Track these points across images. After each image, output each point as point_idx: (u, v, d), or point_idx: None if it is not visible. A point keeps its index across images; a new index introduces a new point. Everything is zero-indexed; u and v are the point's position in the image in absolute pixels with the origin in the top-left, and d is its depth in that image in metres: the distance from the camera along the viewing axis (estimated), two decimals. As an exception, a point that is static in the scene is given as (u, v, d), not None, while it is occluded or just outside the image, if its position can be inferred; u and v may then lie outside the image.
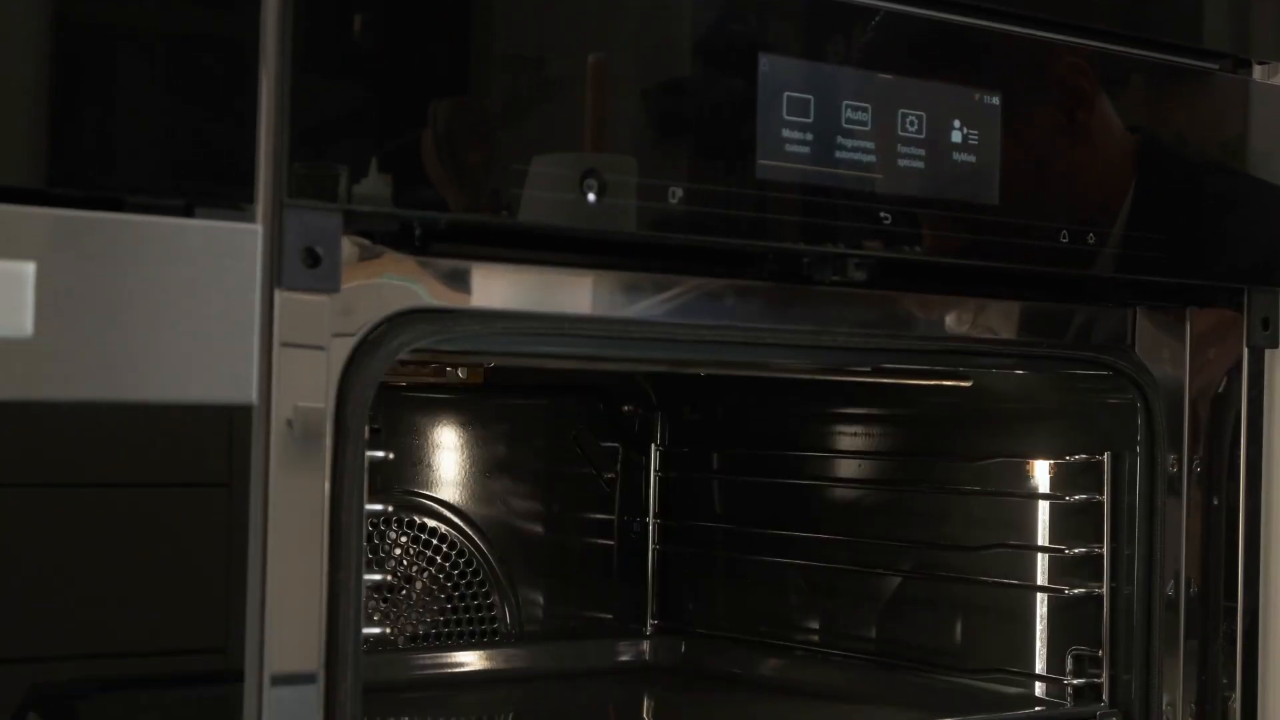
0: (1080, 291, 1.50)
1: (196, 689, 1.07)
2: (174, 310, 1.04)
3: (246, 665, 1.08)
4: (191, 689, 1.07)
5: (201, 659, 1.06)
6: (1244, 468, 1.57)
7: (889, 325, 1.40)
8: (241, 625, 1.08)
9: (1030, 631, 1.62)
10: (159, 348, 1.03)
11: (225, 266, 1.05)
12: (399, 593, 1.84)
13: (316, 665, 1.12)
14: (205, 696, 1.07)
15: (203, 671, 1.07)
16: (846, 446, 1.82)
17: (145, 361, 1.03)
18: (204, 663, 1.06)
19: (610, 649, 1.90)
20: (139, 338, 1.03)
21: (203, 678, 1.08)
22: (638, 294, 1.29)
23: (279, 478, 1.10)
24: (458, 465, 1.89)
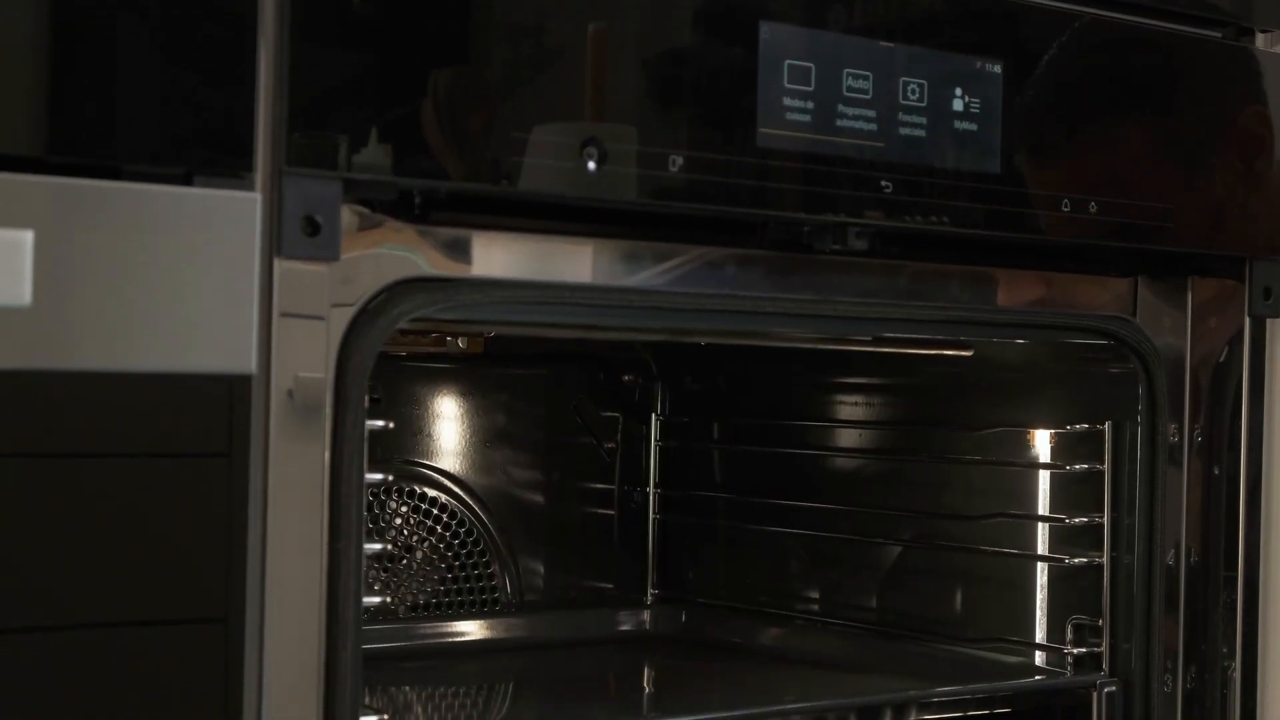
0: (1082, 261, 1.50)
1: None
2: (173, 279, 1.03)
3: (246, 635, 1.08)
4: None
5: (202, 629, 1.06)
6: (1245, 437, 1.57)
7: (890, 294, 1.40)
8: (242, 595, 1.08)
9: (1030, 601, 1.62)
10: (158, 317, 1.03)
11: (224, 235, 1.05)
12: (399, 562, 1.84)
13: (316, 634, 1.12)
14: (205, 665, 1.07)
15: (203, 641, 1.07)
16: (847, 416, 1.82)
17: (144, 331, 1.03)
18: (204, 633, 1.06)
19: (610, 618, 1.90)
20: (138, 307, 1.02)
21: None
22: (638, 263, 1.29)
23: (279, 447, 1.10)
24: (458, 435, 1.89)
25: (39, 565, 1.01)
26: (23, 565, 1.01)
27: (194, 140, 1.05)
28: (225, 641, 1.07)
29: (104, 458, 1.03)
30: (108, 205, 1.02)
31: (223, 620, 1.07)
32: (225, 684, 1.07)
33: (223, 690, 1.07)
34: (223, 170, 1.06)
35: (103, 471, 1.03)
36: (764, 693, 1.60)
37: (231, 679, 1.07)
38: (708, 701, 1.59)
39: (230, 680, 1.07)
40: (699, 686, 1.69)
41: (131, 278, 1.02)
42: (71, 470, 1.02)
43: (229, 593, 1.07)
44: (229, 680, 1.07)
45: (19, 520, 1.01)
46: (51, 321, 1.00)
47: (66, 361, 1.01)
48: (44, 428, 1.01)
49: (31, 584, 1.01)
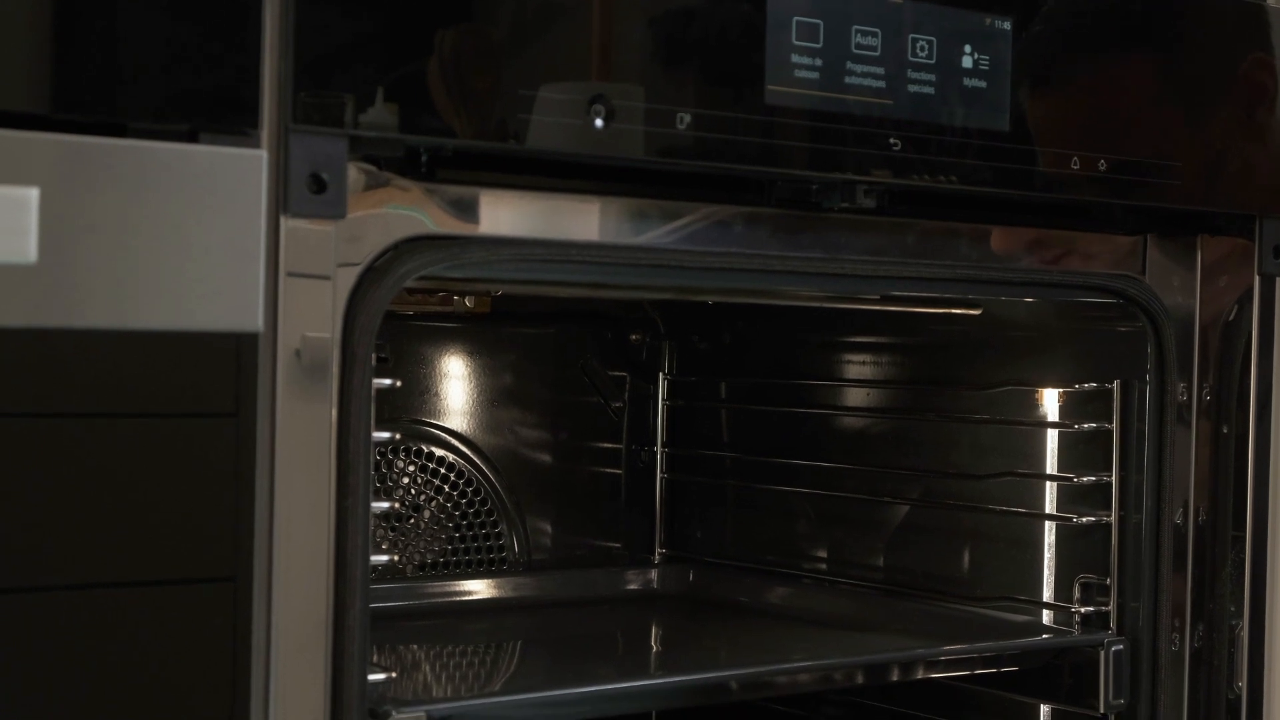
0: (1091, 219, 1.50)
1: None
2: (179, 237, 1.03)
3: (255, 594, 1.08)
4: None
5: (211, 588, 1.06)
6: (1254, 396, 1.56)
7: (898, 252, 1.39)
8: (249, 554, 1.08)
9: (1038, 559, 1.62)
10: (164, 275, 1.03)
11: (230, 192, 1.05)
12: (407, 521, 1.84)
13: (324, 593, 1.12)
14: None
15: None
16: (855, 375, 1.82)
17: (150, 288, 1.03)
18: (213, 592, 1.07)
19: (618, 577, 1.90)
20: (144, 264, 1.02)
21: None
22: (645, 221, 1.28)
23: (286, 406, 1.10)
24: (465, 394, 1.89)
25: (47, 526, 1.01)
26: (30, 526, 1.01)
27: (199, 97, 1.05)
28: (234, 600, 1.07)
29: (111, 417, 1.03)
30: (113, 163, 1.01)
31: (231, 579, 1.07)
32: (234, 642, 1.07)
33: (231, 648, 1.07)
34: (228, 127, 1.06)
35: (110, 431, 1.03)
36: (771, 651, 1.61)
37: (240, 637, 1.08)
38: (715, 660, 1.59)
39: (239, 638, 1.08)
40: (706, 645, 1.69)
41: (137, 235, 1.02)
42: (79, 430, 1.02)
43: (237, 552, 1.07)
44: (237, 638, 1.08)
45: (27, 480, 1.01)
46: (57, 279, 0.99)
47: (73, 319, 1.00)
48: (51, 386, 1.01)
49: (39, 544, 1.01)
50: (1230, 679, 1.55)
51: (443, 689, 1.46)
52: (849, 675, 1.51)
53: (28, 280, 0.98)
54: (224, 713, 1.07)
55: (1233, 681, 1.55)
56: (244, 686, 1.08)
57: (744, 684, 1.46)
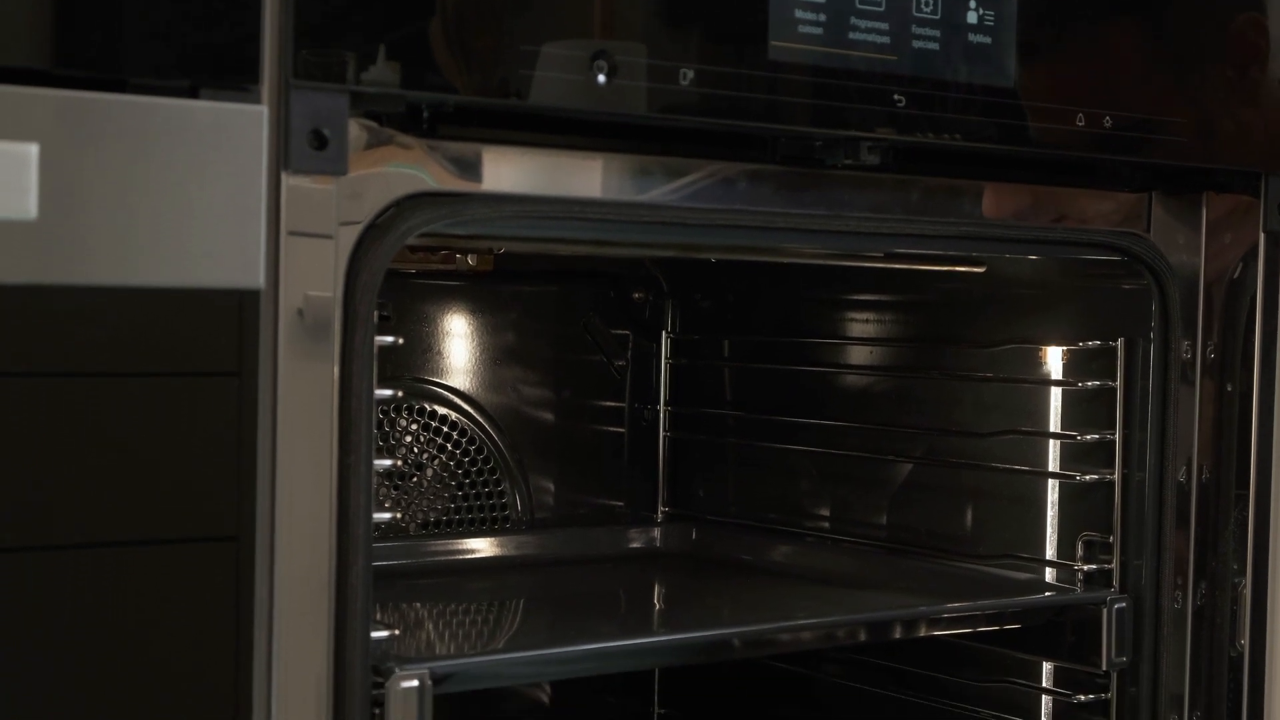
0: (1095, 176, 1.49)
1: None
2: (180, 193, 1.03)
3: (257, 552, 1.08)
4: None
5: (213, 547, 1.06)
6: (1258, 354, 1.56)
7: (902, 209, 1.39)
8: (252, 513, 1.08)
9: (1041, 517, 1.62)
10: (165, 231, 1.03)
11: (231, 148, 1.04)
12: (410, 480, 1.84)
13: (327, 551, 1.12)
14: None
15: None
16: (858, 333, 1.81)
17: (151, 245, 1.02)
18: (216, 551, 1.07)
19: (621, 536, 1.91)
20: (145, 221, 1.02)
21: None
22: (648, 178, 1.28)
23: (288, 364, 1.09)
24: (468, 353, 1.89)
25: (48, 485, 1.01)
26: (32, 485, 1.01)
27: (200, 53, 1.04)
28: (236, 559, 1.07)
29: (114, 376, 1.03)
30: (113, 118, 1.01)
31: (233, 538, 1.07)
32: (236, 601, 1.07)
33: (233, 607, 1.07)
34: (229, 83, 1.05)
35: (113, 390, 1.03)
36: (774, 609, 1.61)
37: (243, 596, 1.08)
38: (717, 618, 1.59)
39: (241, 597, 1.08)
40: (708, 603, 1.69)
41: (138, 191, 1.02)
42: (81, 388, 1.02)
43: (239, 510, 1.07)
44: (240, 597, 1.08)
45: (28, 439, 1.00)
46: (58, 235, 0.99)
47: (74, 276, 1.00)
48: (52, 344, 1.01)
49: (41, 504, 1.01)
50: (1232, 637, 1.55)
51: (445, 647, 1.47)
52: (851, 633, 1.52)
53: (28, 237, 0.98)
54: (227, 671, 1.07)
55: (1235, 639, 1.55)
56: (246, 645, 1.08)
57: (746, 641, 1.47)
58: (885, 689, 1.75)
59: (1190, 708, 1.54)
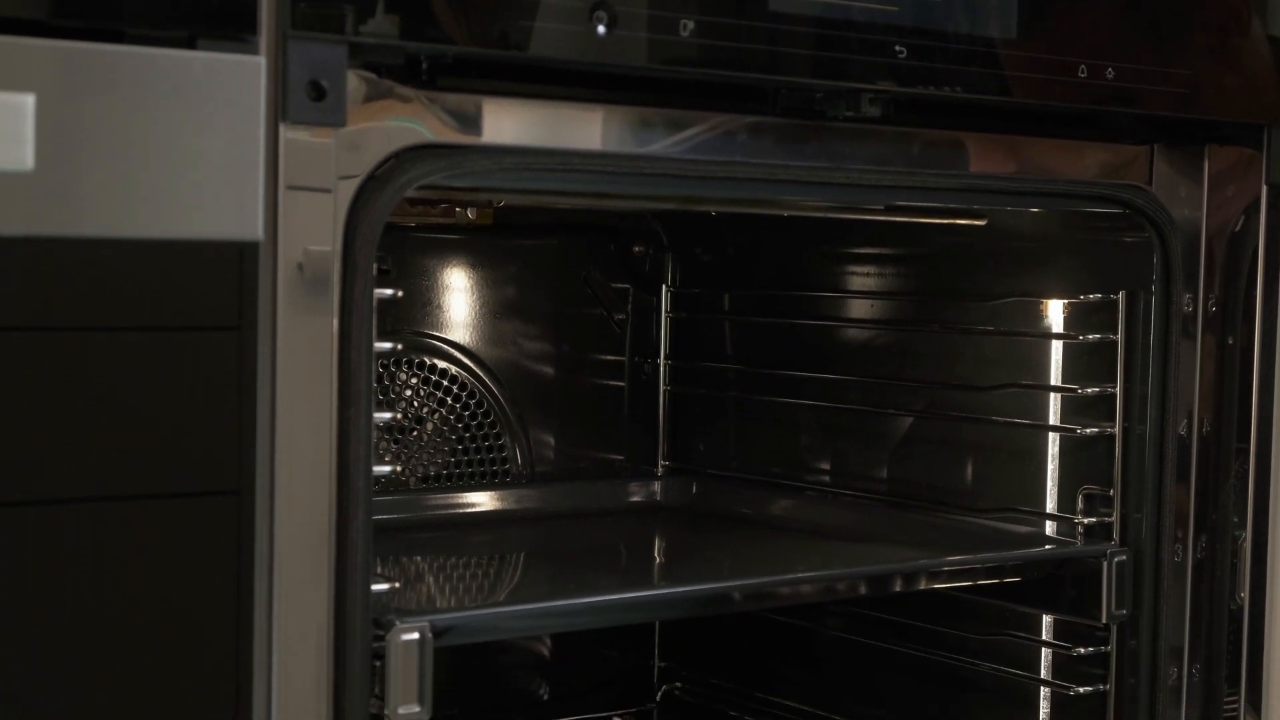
0: (1098, 128, 1.48)
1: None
2: (178, 144, 1.02)
3: (258, 506, 1.08)
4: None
5: (215, 501, 1.06)
6: (1259, 307, 1.56)
7: (903, 162, 1.38)
8: (253, 467, 1.08)
9: (1041, 471, 1.62)
10: (163, 182, 1.02)
11: (229, 100, 1.04)
12: (410, 434, 1.84)
13: (327, 504, 1.12)
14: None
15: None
16: (858, 286, 1.81)
17: (149, 197, 1.02)
18: (217, 505, 1.06)
19: (621, 489, 1.91)
20: (142, 172, 1.01)
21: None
22: (649, 130, 1.27)
23: (287, 317, 1.09)
24: (468, 307, 1.88)
25: (51, 440, 1.01)
26: (33, 440, 1.01)
27: (197, 3, 1.04)
28: (237, 513, 1.07)
29: (114, 330, 1.03)
30: (110, 69, 1.00)
31: (234, 492, 1.07)
32: (238, 555, 1.07)
33: (235, 561, 1.07)
34: (226, 34, 1.04)
35: (113, 344, 1.03)
36: (774, 563, 1.61)
37: (244, 550, 1.08)
38: (718, 571, 1.59)
39: (242, 551, 1.08)
40: (709, 556, 1.69)
41: (136, 143, 1.01)
42: (82, 342, 1.02)
43: (240, 465, 1.07)
44: (241, 551, 1.08)
45: (28, 393, 1.00)
46: (55, 187, 0.99)
47: (71, 228, 1.00)
48: (50, 297, 1.01)
49: (42, 458, 1.01)
50: (1232, 590, 1.56)
51: (446, 600, 1.47)
52: (851, 586, 1.52)
53: (25, 188, 0.98)
54: (228, 624, 1.07)
55: (1235, 592, 1.56)
56: (248, 599, 1.08)
57: (746, 595, 1.47)
58: (885, 642, 1.75)
59: (1190, 660, 1.54)
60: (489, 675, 1.88)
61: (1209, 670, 1.55)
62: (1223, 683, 1.56)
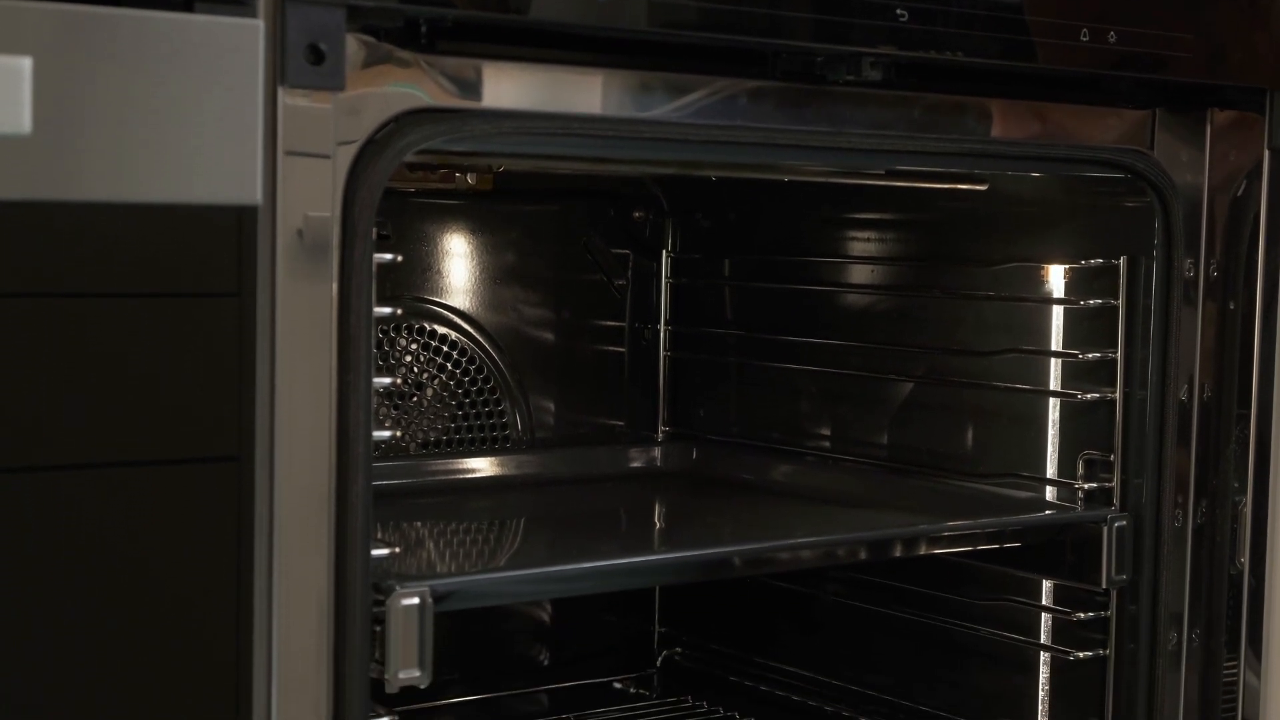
0: (1099, 92, 1.48)
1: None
2: (176, 107, 1.02)
3: (257, 472, 1.08)
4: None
5: (215, 468, 1.06)
6: (1261, 273, 1.56)
7: (904, 126, 1.38)
8: (253, 433, 1.08)
9: (1042, 436, 1.62)
10: (161, 146, 1.02)
11: (227, 62, 1.03)
12: (410, 399, 1.84)
13: (327, 468, 1.12)
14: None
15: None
16: (859, 252, 1.81)
17: (147, 161, 1.02)
18: (218, 472, 1.06)
19: (622, 455, 1.91)
20: (140, 136, 1.01)
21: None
22: (649, 95, 1.27)
23: (286, 283, 1.09)
24: (468, 272, 1.88)
25: (50, 406, 1.01)
26: (33, 406, 1.01)
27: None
28: (237, 478, 1.07)
29: (114, 297, 1.02)
30: (108, 31, 1.00)
31: (235, 458, 1.07)
32: (238, 521, 1.07)
33: (235, 527, 1.07)
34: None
35: (111, 309, 1.03)
36: (775, 528, 1.61)
37: (244, 516, 1.08)
38: (718, 536, 1.60)
39: (243, 517, 1.08)
40: (709, 522, 1.69)
41: (134, 106, 1.01)
42: (81, 308, 1.02)
43: (240, 430, 1.07)
44: (241, 517, 1.08)
45: (29, 359, 1.00)
46: (52, 150, 0.98)
47: (69, 192, 0.99)
48: (48, 261, 1.00)
49: (42, 424, 1.01)
50: (1232, 555, 1.56)
51: (446, 565, 1.47)
52: (852, 551, 1.52)
53: (22, 152, 0.97)
54: (229, 591, 1.07)
55: (1235, 557, 1.56)
56: (248, 564, 1.08)
57: (747, 560, 1.47)
58: (885, 607, 1.75)
59: (1190, 625, 1.54)
60: (489, 641, 1.89)
61: (1209, 635, 1.55)
62: (1222, 648, 1.56)
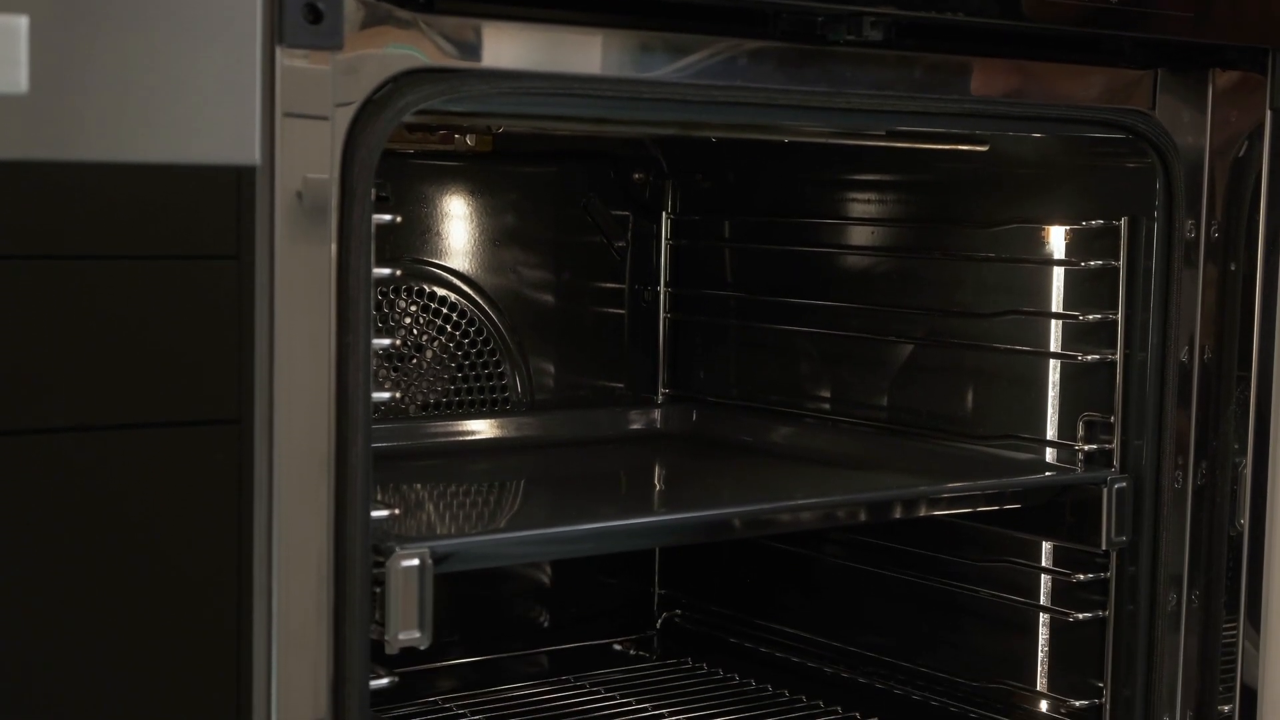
0: (1101, 53, 1.47)
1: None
2: (174, 66, 1.02)
3: (257, 434, 1.08)
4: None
5: (215, 430, 1.06)
6: (1262, 233, 1.55)
7: (904, 87, 1.37)
8: (252, 395, 1.08)
9: (1042, 398, 1.62)
10: (159, 106, 1.01)
11: (225, 21, 1.03)
12: (409, 361, 1.84)
13: (326, 430, 1.12)
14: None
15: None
16: (859, 213, 1.80)
17: (145, 120, 1.01)
18: (217, 434, 1.06)
19: (622, 417, 1.91)
20: (138, 95, 1.01)
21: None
22: (649, 55, 1.26)
23: (285, 245, 1.09)
24: (467, 234, 1.88)
25: (51, 369, 1.01)
26: (34, 368, 1.00)
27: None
28: (237, 441, 1.07)
29: (113, 259, 1.02)
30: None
31: (234, 421, 1.07)
32: (238, 483, 1.07)
33: (235, 490, 1.07)
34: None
35: (109, 271, 1.02)
36: (774, 489, 1.61)
37: (244, 478, 1.08)
38: (718, 498, 1.60)
39: (242, 479, 1.08)
40: (709, 484, 1.69)
41: (132, 65, 1.00)
42: (77, 269, 1.01)
43: (240, 393, 1.07)
44: (241, 479, 1.08)
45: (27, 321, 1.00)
46: (49, 110, 0.98)
47: (66, 152, 0.99)
48: (45, 222, 1.00)
49: (43, 387, 1.01)
50: (1232, 516, 1.56)
51: (446, 527, 1.47)
52: (852, 513, 1.52)
53: (18, 111, 0.97)
54: (229, 553, 1.08)
55: (1234, 519, 1.56)
56: (248, 526, 1.08)
57: (746, 521, 1.47)
58: (885, 569, 1.76)
59: (1189, 586, 1.54)
60: (490, 603, 1.89)
61: (1208, 596, 1.55)
62: (1222, 609, 1.56)
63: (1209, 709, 1.55)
